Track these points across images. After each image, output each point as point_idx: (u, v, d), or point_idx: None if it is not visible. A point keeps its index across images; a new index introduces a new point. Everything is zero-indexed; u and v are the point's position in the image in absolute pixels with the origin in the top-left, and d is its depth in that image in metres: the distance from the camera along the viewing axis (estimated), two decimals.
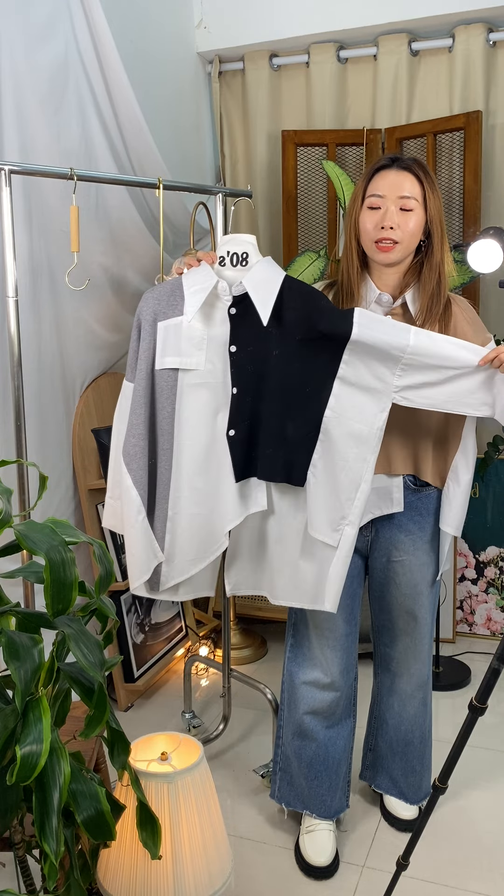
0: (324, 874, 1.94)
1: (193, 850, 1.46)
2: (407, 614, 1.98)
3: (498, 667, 1.41)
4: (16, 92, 2.11)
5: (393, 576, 1.94)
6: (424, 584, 1.95)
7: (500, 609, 3.20)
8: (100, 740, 1.74)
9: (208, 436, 1.79)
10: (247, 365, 1.76)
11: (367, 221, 1.77)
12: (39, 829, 1.13)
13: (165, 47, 3.05)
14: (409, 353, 1.66)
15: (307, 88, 3.31)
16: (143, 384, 1.78)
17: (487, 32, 3.01)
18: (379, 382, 1.69)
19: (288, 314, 1.72)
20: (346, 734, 2.03)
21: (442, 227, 1.80)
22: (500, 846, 2.04)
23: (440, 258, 1.80)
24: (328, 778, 1.99)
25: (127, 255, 2.57)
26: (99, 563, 1.34)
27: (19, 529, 1.19)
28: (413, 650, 2.01)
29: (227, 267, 1.78)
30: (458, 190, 3.17)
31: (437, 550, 1.95)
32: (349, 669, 1.98)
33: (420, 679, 2.04)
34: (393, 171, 1.77)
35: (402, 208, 1.75)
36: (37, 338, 2.30)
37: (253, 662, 3.09)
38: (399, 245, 1.75)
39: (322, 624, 1.92)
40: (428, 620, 2.00)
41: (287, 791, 2.05)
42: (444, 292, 1.81)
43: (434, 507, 1.91)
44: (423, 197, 1.77)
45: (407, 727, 2.07)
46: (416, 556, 1.92)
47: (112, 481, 1.88)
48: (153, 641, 2.89)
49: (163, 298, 1.79)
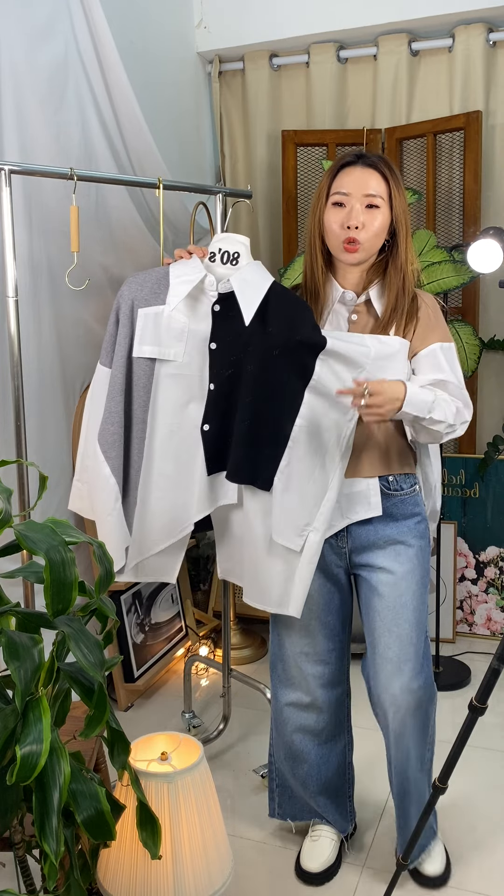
0: (315, 880, 1.92)
1: (193, 850, 1.46)
2: (389, 632, 1.79)
3: (498, 667, 1.41)
4: (16, 92, 2.11)
5: (376, 586, 1.80)
6: (409, 596, 1.79)
7: (500, 609, 3.20)
8: (100, 740, 1.74)
9: (180, 425, 1.81)
10: (224, 363, 1.76)
11: (333, 220, 1.73)
12: (39, 829, 1.13)
13: (165, 47, 3.05)
14: (372, 359, 1.68)
15: (307, 88, 3.31)
16: (120, 371, 1.78)
17: (487, 32, 3.01)
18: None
19: (271, 318, 1.72)
20: (340, 751, 1.96)
21: (407, 225, 1.77)
22: (500, 846, 2.04)
23: (405, 258, 1.77)
24: (320, 796, 1.95)
25: (127, 255, 2.57)
26: (99, 563, 1.34)
27: (19, 529, 1.19)
28: (397, 676, 1.79)
29: (217, 263, 1.77)
30: (458, 190, 3.17)
31: (423, 561, 1.81)
32: (334, 685, 1.90)
33: (411, 710, 1.80)
34: (358, 168, 1.73)
35: (368, 205, 1.71)
36: (37, 338, 2.30)
37: (253, 662, 3.09)
38: (363, 245, 1.72)
39: (300, 641, 1.86)
40: (414, 639, 1.79)
41: (289, 806, 2.02)
42: (409, 290, 1.78)
43: (411, 511, 1.80)
44: (389, 195, 1.73)
45: (401, 772, 1.85)
46: (399, 562, 1.78)
47: (81, 465, 1.89)
48: (153, 641, 2.89)
49: (146, 285, 1.78)
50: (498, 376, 3.25)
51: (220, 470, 1.82)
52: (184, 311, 1.77)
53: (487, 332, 3.21)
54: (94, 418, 1.82)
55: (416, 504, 1.82)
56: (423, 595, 1.81)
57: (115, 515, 1.81)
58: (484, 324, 3.22)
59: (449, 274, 2.67)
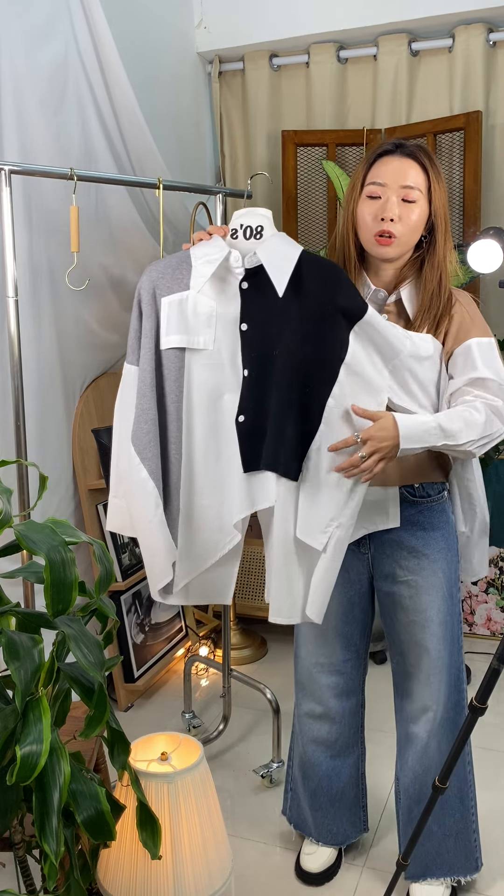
0: (315, 880, 1.92)
1: (193, 850, 1.46)
2: (417, 645, 1.74)
3: (498, 667, 1.41)
4: (16, 92, 2.11)
5: (399, 599, 1.73)
6: (434, 610, 1.71)
7: (500, 609, 3.20)
8: (100, 740, 1.74)
9: (217, 420, 1.65)
10: (258, 344, 1.62)
11: (366, 212, 1.62)
12: (39, 829, 1.13)
13: (165, 47, 3.05)
14: (404, 356, 1.58)
15: (307, 88, 3.31)
16: (148, 366, 1.63)
17: (487, 32, 3.01)
18: (377, 374, 1.58)
19: (307, 285, 1.58)
20: (352, 763, 1.93)
21: (446, 221, 1.65)
22: (500, 846, 2.04)
23: (443, 255, 1.66)
24: (331, 808, 1.93)
25: (127, 255, 2.57)
26: (99, 563, 1.34)
27: (19, 529, 1.19)
28: (426, 688, 1.76)
29: (241, 240, 1.63)
30: (458, 190, 3.17)
31: (449, 574, 1.72)
32: (348, 695, 1.86)
33: (433, 728, 1.77)
34: (396, 158, 1.61)
35: (405, 199, 1.60)
36: (37, 338, 2.30)
37: (253, 662, 3.09)
38: (399, 240, 1.61)
39: (315, 651, 1.83)
40: (443, 654, 1.74)
41: (296, 814, 2.01)
42: (445, 292, 1.66)
43: (438, 521, 1.71)
44: (428, 188, 1.62)
45: (423, 779, 1.82)
46: (423, 576, 1.70)
47: (116, 478, 1.72)
48: (153, 641, 2.89)
49: (167, 272, 1.65)
50: None
51: (256, 467, 1.63)
52: (210, 293, 1.62)
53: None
54: (125, 423, 1.67)
55: (444, 512, 1.72)
56: (451, 610, 1.72)
57: (156, 523, 1.63)
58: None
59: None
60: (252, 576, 3.28)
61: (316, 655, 1.84)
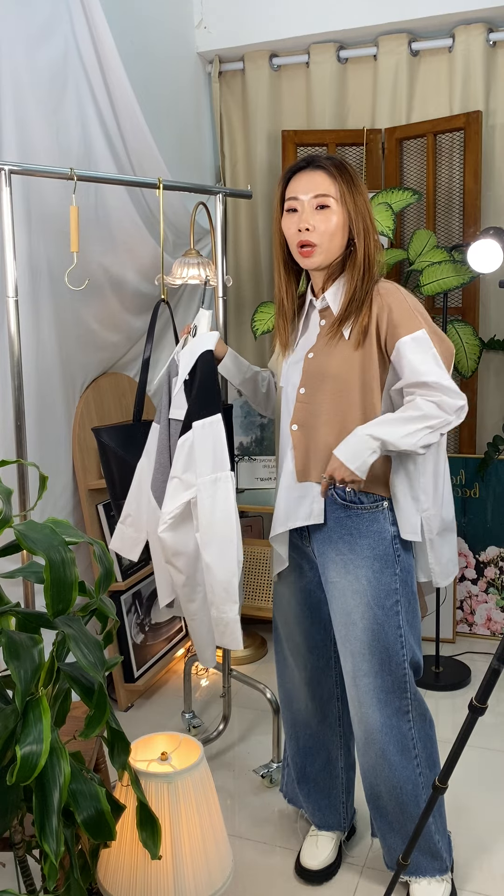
0: (314, 878, 1.92)
1: (193, 850, 1.46)
2: (343, 646, 1.75)
3: (498, 667, 1.41)
4: (15, 92, 2.11)
5: (330, 598, 1.76)
6: (358, 615, 1.70)
7: (500, 609, 3.20)
8: (100, 740, 1.74)
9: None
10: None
11: (287, 226, 1.72)
12: (39, 829, 1.13)
13: (165, 47, 3.05)
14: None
15: (307, 88, 3.31)
16: (165, 428, 1.99)
17: (487, 32, 3.01)
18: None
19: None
20: (330, 749, 1.97)
21: (366, 223, 1.69)
22: (500, 846, 2.04)
23: (363, 257, 1.69)
24: (319, 796, 1.98)
25: (127, 255, 2.57)
26: (99, 563, 1.34)
27: (19, 529, 1.19)
28: (353, 689, 1.76)
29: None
30: (458, 190, 3.17)
31: (377, 582, 1.69)
32: (316, 685, 1.92)
33: (370, 728, 1.75)
34: (307, 172, 1.70)
35: (319, 206, 1.67)
36: (37, 338, 2.30)
37: (253, 662, 3.09)
38: (319, 247, 1.68)
39: (281, 645, 1.95)
40: (371, 660, 1.71)
41: (290, 789, 2.06)
42: (368, 285, 1.70)
43: (368, 528, 1.70)
44: (342, 194, 1.68)
45: (370, 778, 1.82)
46: (347, 580, 1.71)
47: (127, 510, 2.07)
48: (153, 641, 2.89)
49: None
50: (498, 376, 3.25)
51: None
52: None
53: (487, 332, 3.21)
54: (146, 471, 2.03)
55: (376, 521, 1.70)
56: (382, 619, 1.69)
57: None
58: (484, 324, 3.22)
59: (449, 274, 2.67)
60: (252, 576, 3.28)
61: (283, 648, 1.95)
